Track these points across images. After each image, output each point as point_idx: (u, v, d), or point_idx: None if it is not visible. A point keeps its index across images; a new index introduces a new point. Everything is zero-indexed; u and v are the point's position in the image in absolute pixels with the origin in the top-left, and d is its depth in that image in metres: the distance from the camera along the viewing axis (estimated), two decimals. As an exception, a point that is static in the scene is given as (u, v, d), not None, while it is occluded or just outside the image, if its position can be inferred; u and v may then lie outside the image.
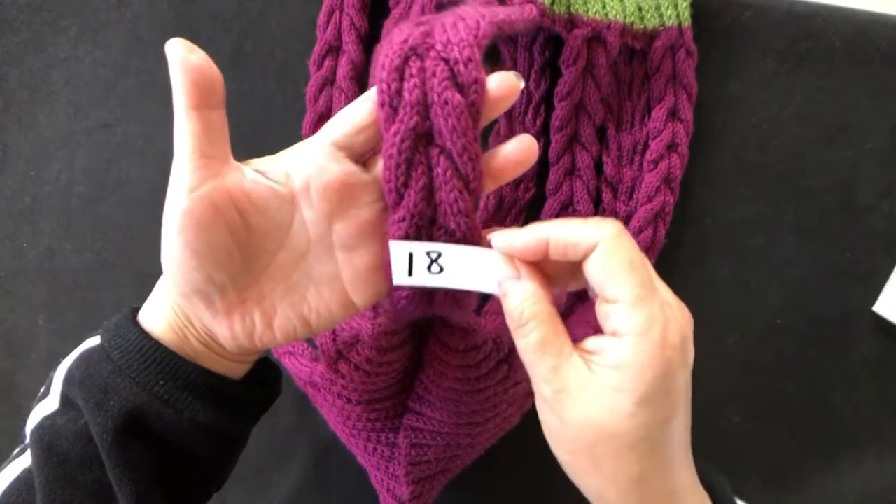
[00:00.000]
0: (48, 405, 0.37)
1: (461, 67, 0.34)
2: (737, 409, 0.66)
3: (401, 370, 0.53)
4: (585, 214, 0.64)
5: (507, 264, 0.33)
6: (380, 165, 0.35)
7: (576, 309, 0.59)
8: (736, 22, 0.66)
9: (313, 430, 0.65)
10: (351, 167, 0.36)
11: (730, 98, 0.67)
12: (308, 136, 0.65)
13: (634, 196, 0.65)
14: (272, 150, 0.68)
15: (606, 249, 0.32)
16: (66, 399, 0.37)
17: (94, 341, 0.39)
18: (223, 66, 0.68)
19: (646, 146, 0.65)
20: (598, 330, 0.33)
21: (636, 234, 0.63)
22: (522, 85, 0.36)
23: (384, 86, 0.35)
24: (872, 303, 0.66)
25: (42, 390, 0.39)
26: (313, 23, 0.66)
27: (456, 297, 0.38)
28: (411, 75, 0.35)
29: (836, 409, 0.66)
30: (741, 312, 0.67)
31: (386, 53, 0.35)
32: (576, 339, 0.32)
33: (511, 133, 0.66)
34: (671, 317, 0.32)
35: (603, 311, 0.32)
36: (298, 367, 0.57)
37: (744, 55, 0.67)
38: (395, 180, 0.35)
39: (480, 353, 0.51)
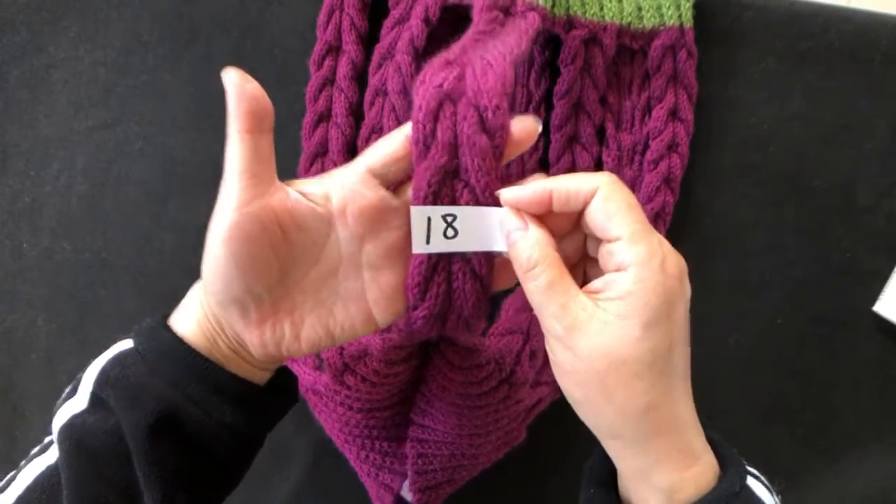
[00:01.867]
0: (76, 404, 0.38)
1: (490, 115, 0.37)
2: (737, 409, 0.66)
3: (404, 381, 0.54)
4: None
5: (515, 217, 0.36)
6: (409, 193, 0.38)
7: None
8: (736, 22, 0.66)
9: (312, 432, 0.65)
10: (384, 193, 0.39)
11: (730, 98, 0.67)
12: (308, 136, 0.65)
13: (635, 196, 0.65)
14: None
15: (605, 193, 0.35)
16: (96, 398, 0.38)
17: (124, 345, 0.40)
18: (222, 65, 0.69)
19: (646, 146, 0.65)
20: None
21: None
22: (540, 128, 0.40)
23: (419, 126, 0.38)
24: (872, 303, 0.66)
25: (67, 391, 0.40)
26: (313, 23, 0.66)
27: (467, 321, 0.41)
28: (444, 118, 0.38)
29: (836, 409, 0.66)
30: (741, 312, 0.67)
31: (422, 95, 0.38)
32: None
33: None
34: (668, 251, 0.35)
35: (605, 250, 0.35)
36: (301, 375, 0.57)
37: (744, 55, 0.67)
38: None
39: (483, 371, 0.51)
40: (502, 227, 0.37)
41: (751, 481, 0.38)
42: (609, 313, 0.33)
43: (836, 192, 0.66)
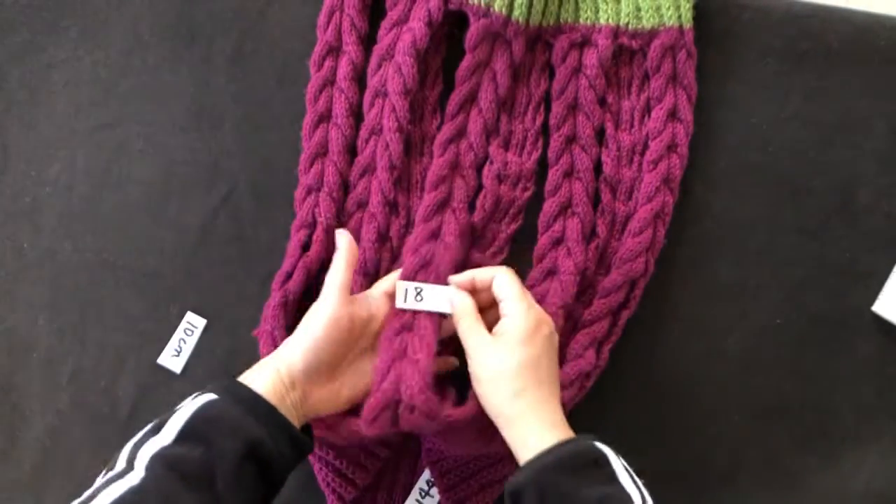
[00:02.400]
0: (161, 440, 0.47)
1: (419, 404, 0.53)
2: (737, 409, 0.67)
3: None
4: (584, 216, 0.64)
5: (458, 291, 0.58)
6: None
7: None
8: (735, 23, 0.67)
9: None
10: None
11: (730, 98, 0.67)
12: (308, 137, 0.65)
13: (634, 196, 0.65)
14: (272, 149, 0.68)
15: (500, 275, 0.57)
16: (184, 434, 0.47)
17: (207, 396, 0.50)
18: (223, 66, 0.69)
19: (645, 146, 0.65)
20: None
21: (636, 235, 0.63)
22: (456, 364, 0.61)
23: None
24: (872, 303, 0.66)
25: (149, 429, 0.48)
26: (313, 23, 0.67)
27: (419, 409, 0.53)
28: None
29: (836, 409, 0.67)
30: (741, 312, 0.67)
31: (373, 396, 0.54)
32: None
33: (511, 133, 0.66)
34: (532, 306, 0.55)
35: (502, 306, 0.56)
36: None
37: (743, 56, 0.67)
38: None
39: (474, 429, 0.56)
40: (449, 298, 0.58)
41: (605, 448, 0.51)
42: (500, 339, 0.54)
43: (835, 192, 0.67)
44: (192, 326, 0.67)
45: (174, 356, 0.67)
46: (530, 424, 0.51)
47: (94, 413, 0.67)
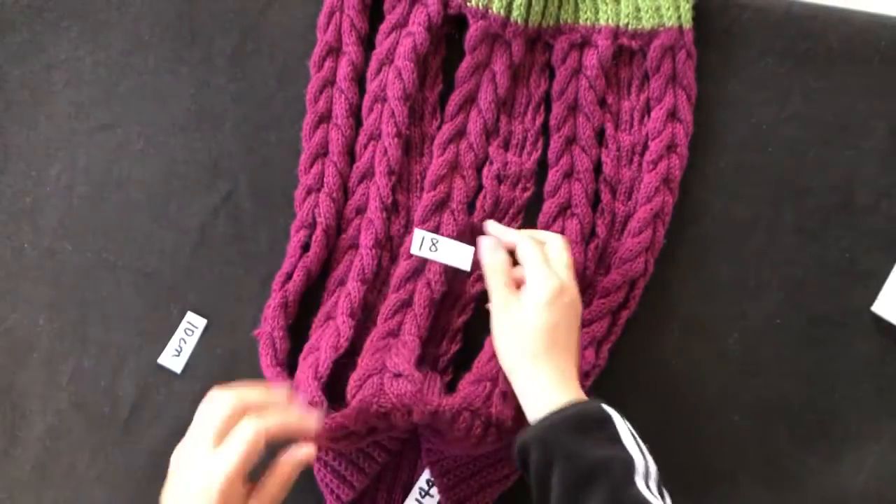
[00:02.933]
0: None
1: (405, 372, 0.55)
2: (737, 409, 0.67)
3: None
4: (583, 217, 0.64)
5: (493, 249, 0.59)
6: None
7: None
8: (735, 23, 0.67)
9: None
10: None
11: (729, 98, 0.67)
12: (308, 137, 0.65)
13: (633, 196, 0.65)
14: (272, 149, 0.68)
15: (523, 242, 0.58)
16: None
17: None
18: (223, 67, 0.69)
19: (645, 146, 0.65)
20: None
21: (636, 235, 0.63)
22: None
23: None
24: (871, 302, 0.66)
25: None
26: (313, 23, 0.67)
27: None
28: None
29: (836, 408, 0.66)
30: (741, 312, 0.67)
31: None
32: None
33: (511, 133, 0.66)
34: (557, 273, 0.56)
35: (525, 271, 0.57)
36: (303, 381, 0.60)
37: (743, 56, 0.67)
38: None
39: (460, 422, 0.55)
40: (469, 254, 0.61)
41: (612, 411, 0.52)
42: (522, 303, 0.56)
43: (834, 192, 0.67)
44: (192, 326, 0.67)
45: (174, 356, 0.67)
46: (542, 384, 0.53)
47: (94, 413, 0.67)
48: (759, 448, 0.67)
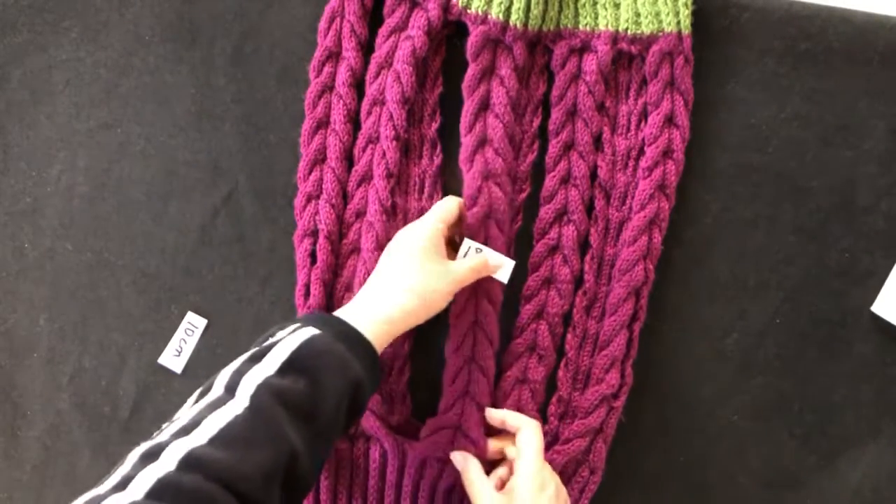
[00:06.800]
0: (264, 370, 0.47)
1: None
2: (736, 409, 0.67)
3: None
4: (579, 223, 0.64)
5: (510, 269, 0.61)
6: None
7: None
8: (735, 23, 0.67)
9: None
10: None
11: (729, 99, 0.67)
12: (307, 143, 0.65)
13: (627, 202, 0.65)
14: (272, 149, 0.68)
15: (526, 428, 0.59)
16: (288, 366, 0.48)
17: (309, 331, 0.50)
18: (223, 67, 0.69)
19: (641, 151, 0.65)
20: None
21: (631, 244, 0.63)
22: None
23: None
24: (871, 303, 0.66)
25: (247, 358, 0.49)
26: (313, 24, 0.67)
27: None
28: None
29: (836, 409, 0.67)
30: (741, 312, 0.67)
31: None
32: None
33: (511, 134, 0.66)
34: (547, 466, 0.58)
35: (517, 462, 0.58)
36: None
37: (743, 56, 0.67)
38: None
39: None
40: (512, 267, 0.61)
41: None
42: (506, 498, 0.57)
43: (834, 192, 0.67)
44: (192, 326, 0.67)
45: (175, 356, 0.67)
46: None
47: (95, 413, 0.67)
48: (759, 448, 0.67)
